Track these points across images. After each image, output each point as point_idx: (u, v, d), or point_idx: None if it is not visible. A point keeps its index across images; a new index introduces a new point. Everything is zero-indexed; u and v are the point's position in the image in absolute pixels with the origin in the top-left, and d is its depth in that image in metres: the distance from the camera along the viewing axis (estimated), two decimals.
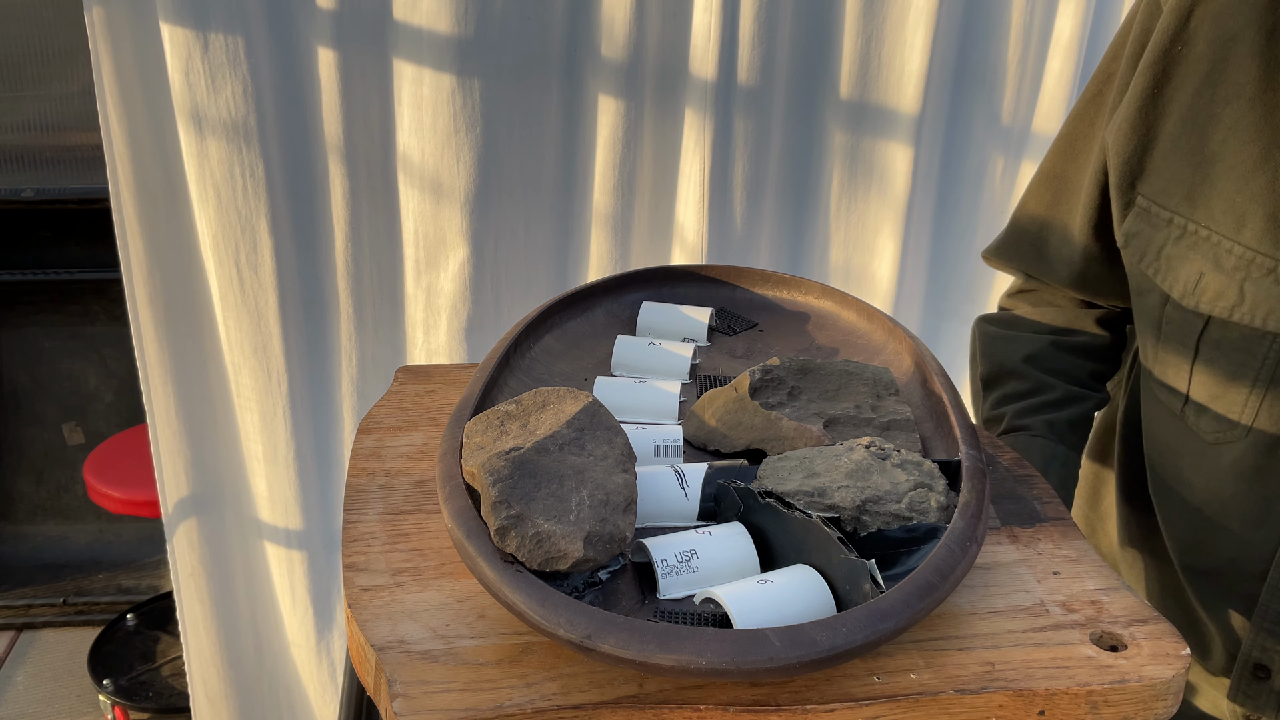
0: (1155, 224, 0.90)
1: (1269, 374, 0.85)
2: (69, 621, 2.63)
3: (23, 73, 2.46)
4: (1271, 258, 0.83)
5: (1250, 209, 0.84)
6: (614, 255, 1.59)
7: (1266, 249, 0.83)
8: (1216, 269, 0.86)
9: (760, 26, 1.47)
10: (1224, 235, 0.85)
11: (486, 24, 1.43)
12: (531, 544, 0.60)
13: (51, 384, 2.74)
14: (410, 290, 1.58)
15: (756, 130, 1.54)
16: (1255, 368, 0.85)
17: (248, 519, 1.70)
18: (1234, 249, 0.85)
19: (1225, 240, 0.85)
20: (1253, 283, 0.84)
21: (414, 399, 0.86)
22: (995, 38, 1.58)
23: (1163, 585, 0.99)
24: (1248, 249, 0.83)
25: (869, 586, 0.60)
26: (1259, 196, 0.83)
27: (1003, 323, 1.06)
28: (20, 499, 2.80)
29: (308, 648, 1.75)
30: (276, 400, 1.57)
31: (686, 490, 0.70)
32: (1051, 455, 0.94)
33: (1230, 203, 0.85)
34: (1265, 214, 0.83)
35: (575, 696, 0.57)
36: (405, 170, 1.50)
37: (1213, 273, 0.86)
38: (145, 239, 1.52)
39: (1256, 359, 0.85)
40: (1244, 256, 0.84)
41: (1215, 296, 0.86)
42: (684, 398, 0.84)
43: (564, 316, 0.91)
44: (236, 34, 1.39)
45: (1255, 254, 0.83)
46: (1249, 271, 0.84)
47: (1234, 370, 0.86)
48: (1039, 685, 0.60)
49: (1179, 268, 0.88)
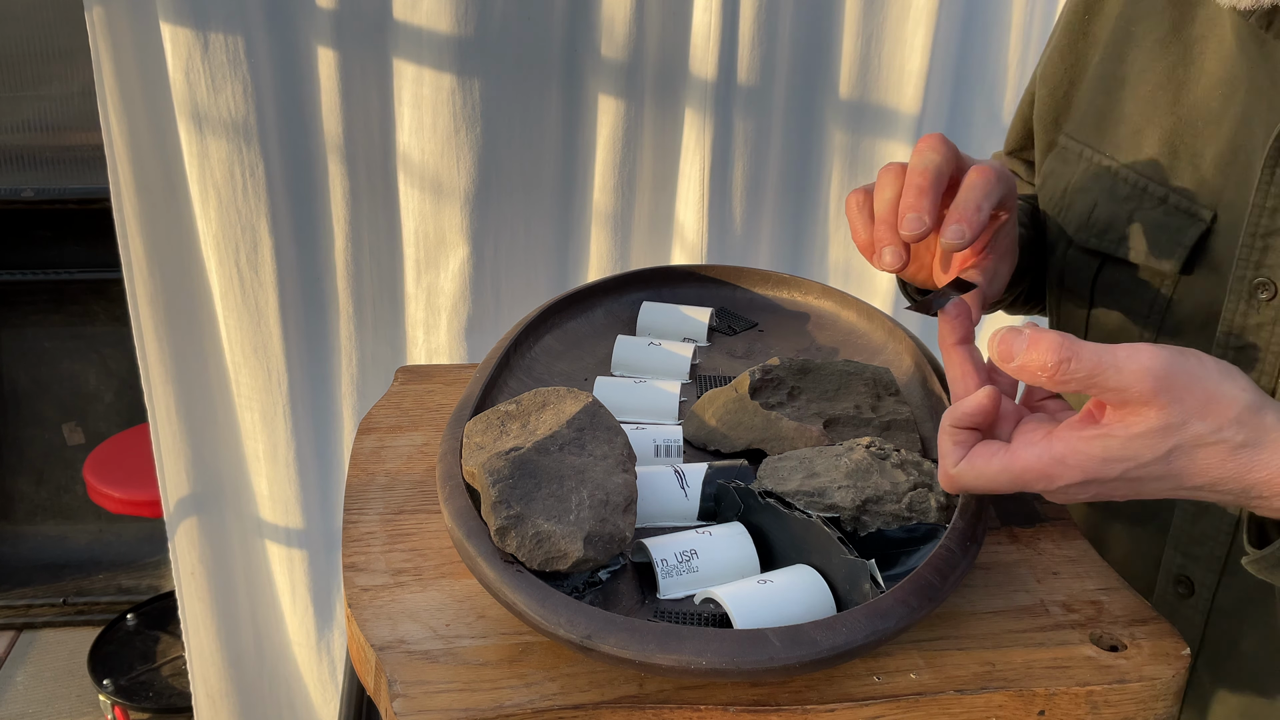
0: (1067, 160, 0.88)
1: (1157, 321, 0.81)
2: (69, 621, 2.63)
3: (23, 73, 2.46)
4: (1163, 185, 0.79)
5: (1148, 131, 0.81)
6: (614, 255, 1.59)
7: (1159, 177, 0.79)
8: (1110, 198, 0.83)
9: (760, 26, 1.47)
10: (1121, 162, 0.82)
11: (486, 24, 1.43)
12: (531, 544, 0.60)
13: (51, 384, 2.74)
14: (410, 290, 1.58)
15: (756, 130, 1.54)
16: (1143, 314, 0.82)
17: (248, 518, 1.70)
18: (1129, 176, 0.82)
19: (1123, 168, 0.82)
20: (1141, 213, 0.80)
21: (414, 399, 0.86)
22: (995, 38, 1.59)
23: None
24: (1141, 176, 0.80)
25: (869, 586, 0.60)
26: (1157, 118, 0.80)
27: None
28: (20, 499, 2.80)
29: (308, 647, 1.75)
30: (277, 400, 1.57)
31: (686, 490, 0.70)
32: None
33: (1133, 126, 0.82)
34: (1161, 137, 0.80)
35: (575, 696, 0.57)
36: (405, 170, 1.50)
37: (1106, 203, 0.83)
38: (145, 239, 1.52)
39: (1145, 304, 0.82)
40: (1137, 184, 0.81)
41: (1105, 228, 0.83)
42: (684, 398, 0.84)
43: (564, 316, 0.91)
44: (237, 34, 1.39)
45: (1149, 182, 0.80)
46: (1140, 201, 0.80)
47: (1125, 318, 0.83)
48: (1039, 685, 0.60)
49: (1078, 201, 0.85)
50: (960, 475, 0.61)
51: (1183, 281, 0.79)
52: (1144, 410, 0.56)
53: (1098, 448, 0.57)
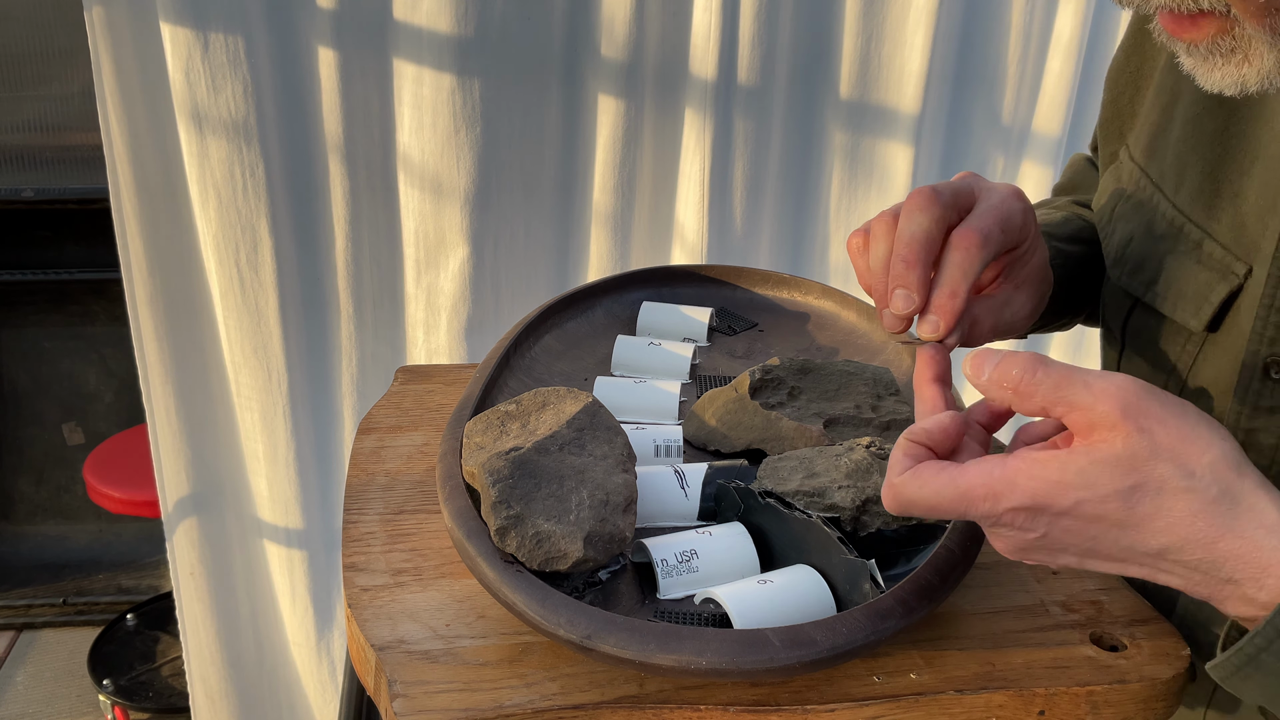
0: (1120, 178, 0.80)
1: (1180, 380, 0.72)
2: (69, 621, 2.63)
3: (23, 73, 2.46)
4: (1200, 228, 0.70)
5: (1191, 161, 0.72)
6: (614, 255, 1.59)
7: (1198, 216, 0.70)
8: (1148, 233, 0.74)
9: (760, 26, 1.47)
10: (1160, 189, 0.74)
11: (486, 24, 1.43)
12: (531, 544, 0.60)
13: (51, 384, 2.74)
14: (410, 290, 1.58)
15: (756, 130, 1.54)
16: (1168, 369, 0.73)
17: (248, 518, 1.70)
18: (1168, 211, 0.73)
19: (1162, 199, 0.74)
20: (1175, 258, 0.72)
21: (414, 399, 0.86)
22: (995, 38, 1.58)
23: None
24: (1179, 213, 0.72)
25: (869, 586, 0.60)
26: (1202, 146, 0.71)
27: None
28: (20, 499, 2.80)
29: (308, 647, 1.75)
30: (276, 400, 1.57)
31: (686, 490, 0.70)
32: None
33: (1177, 152, 0.73)
34: (1204, 169, 0.71)
35: (575, 696, 0.57)
36: (405, 170, 1.50)
37: (1143, 238, 0.75)
38: (145, 239, 1.52)
39: (1170, 358, 0.72)
40: (1175, 222, 0.72)
41: (1137, 266, 0.74)
42: (684, 398, 0.84)
43: (564, 316, 0.91)
44: (236, 34, 1.39)
45: (1185, 220, 0.71)
46: (1175, 243, 0.72)
47: (1151, 370, 0.75)
48: (1039, 685, 0.60)
49: (1119, 230, 0.77)
50: (903, 485, 0.55)
51: (1209, 341, 0.70)
52: (1109, 434, 0.51)
53: (1053, 469, 0.51)
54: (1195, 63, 0.55)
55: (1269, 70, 0.53)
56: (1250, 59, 0.53)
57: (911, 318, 0.65)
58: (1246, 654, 0.51)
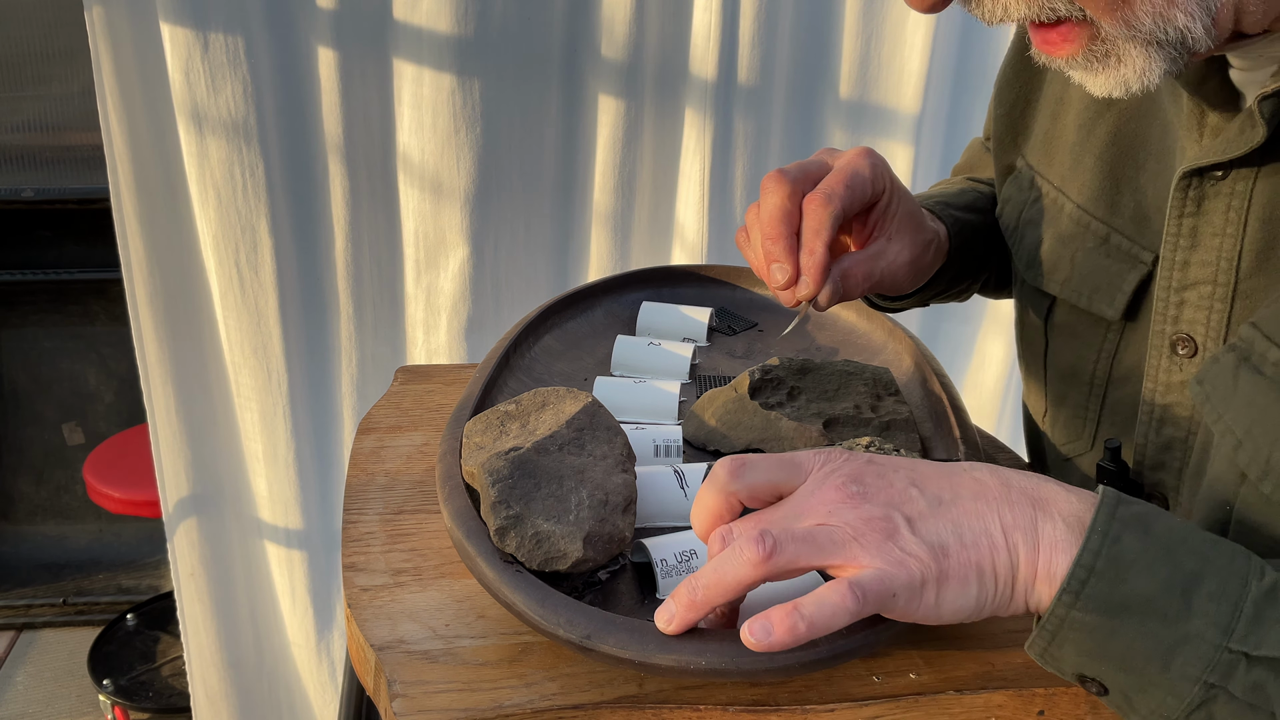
0: (1021, 186, 0.83)
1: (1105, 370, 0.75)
2: (69, 621, 2.63)
3: (23, 73, 2.46)
4: (1105, 224, 0.73)
5: (1089, 164, 0.75)
6: (614, 255, 1.59)
7: (1102, 213, 0.74)
8: (1055, 235, 0.77)
9: (760, 26, 1.47)
10: (1063, 193, 0.77)
11: (486, 24, 1.43)
12: (531, 544, 0.60)
13: (51, 384, 2.74)
14: (410, 290, 1.58)
15: (756, 130, 1.54)
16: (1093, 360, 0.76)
17: (248, 519, 1.70)
18: (1073, 212, 0.76)
19: (1066, 201, 0.77)
20: (1084, 254, 0.75)
21: (414, 399, 0.86)
22: (995, 38, 1.59)
23: None
24: (1085, 212, 0.75)
25: None
26: (1097, 150, 0.74)
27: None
28: (20, 499, 2.80)
29: (308, 647, 1.75)
30: (276, 400, 1.57)
31: (686, 490, 0.70)
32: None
33: (1075, 156, 0.76)
34: (1102, 171, 0.74)
35: (575, 696, 0.57)
36: (405, 170, 1.50)
37: (1051, 240, 0.77)
38: (145, 239, 1.52)
39: (1093, 350, 0.75)
40: (1080, 220, 0.75)
41: (1050, 267, 0.77)
42: (684, 398, 0.84)
43: (564, 316, 0.91)
44: (236, 34, 1.39)
45: (1091, 219, 0.74)
46: (1082, 240, 0.75)
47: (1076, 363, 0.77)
48: (1038, 685, 0.60)
49: (1028, 235, 0.80)
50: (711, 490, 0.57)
51: (1128, 329, 0.74)
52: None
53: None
54: (1081, 75, 0.58)
55: (1142, 67, 0.55)
56: (1124, 60, 0.55)
57: (794, 285, 0.72)
58: (1058, 616, 0.52)
